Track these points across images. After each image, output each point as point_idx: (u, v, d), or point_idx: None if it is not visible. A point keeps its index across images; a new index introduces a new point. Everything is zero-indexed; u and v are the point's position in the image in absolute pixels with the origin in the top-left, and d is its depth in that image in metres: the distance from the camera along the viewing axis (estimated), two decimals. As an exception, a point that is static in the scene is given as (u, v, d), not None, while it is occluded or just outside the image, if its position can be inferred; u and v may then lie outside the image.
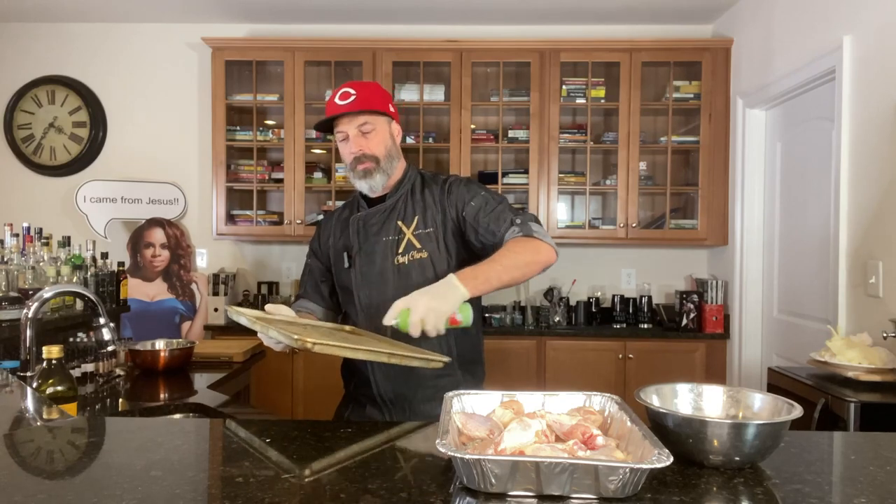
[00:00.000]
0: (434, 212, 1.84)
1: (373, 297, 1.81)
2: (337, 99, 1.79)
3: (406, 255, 1.81)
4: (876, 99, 2.59)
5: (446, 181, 1.88)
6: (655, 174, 4.17)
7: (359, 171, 1.82)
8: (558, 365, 3.82)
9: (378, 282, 1.81)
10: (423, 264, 1.80)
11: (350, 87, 1.80)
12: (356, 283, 1.84)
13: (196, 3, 3.99)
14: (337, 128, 1.83)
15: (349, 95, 1.78)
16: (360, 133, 1.80)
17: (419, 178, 1.90)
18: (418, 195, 1.87)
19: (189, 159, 4.36)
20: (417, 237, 1.82)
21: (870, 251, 2.60)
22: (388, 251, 1.82)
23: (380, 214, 1.86)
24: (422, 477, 0.97)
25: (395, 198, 1.86)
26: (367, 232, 1.86)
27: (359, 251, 1.85)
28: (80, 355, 2.20)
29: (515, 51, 3.97)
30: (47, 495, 0.90)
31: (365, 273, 1.83)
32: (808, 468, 1.04)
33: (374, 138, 1.81)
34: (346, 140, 1.82)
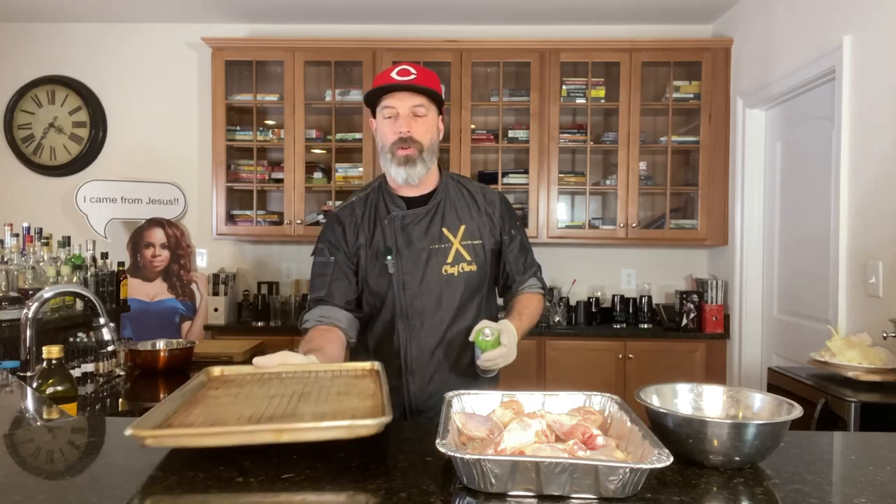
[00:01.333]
0: (481, 223, 1.77)
1: (417, 304, 1.72)
2: (394, 74, 1.67)
3: (456, 265, 1.73)
4: (876, 99, 2.59)
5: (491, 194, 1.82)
6: (655, 174, 4.17)
7: (399, 156, 1.67)
8: (558, 365, 3.82)
9: (421, 291, 1.71)
10: (472, 277, 1.74)
11: (410, 66, 1.69)
12: (397, 289, 1.71)
13: (196, 3, 3.99)
14: (386, 102, 1.68)
15: (409, 73, 1.67)
16: (412, 114, 1.68)
17: (451, 181, 1.81)
18: (458, 201, 1.77)
19: (189, 159, 4.36)
20: (466, 248, 1.74)
21: (870, 251, 2.60)
22: (435, 259, 1.71)
23: (422, 217, 1.74)
24: (422, 477, 0.97)
25: (436, 200, 1.75)
26: (408, 235, 1.72)
27: (401, 256, 1.71)
28: (80, 355, 2.20)
29: (515, 51, 3.98)
30: (47, 495, 0.90)
31: (409, 281, 1.71)
32: (808, 468, 1.04)
33: (424, 124, 1.69)
34: (394, 118, 1.68)
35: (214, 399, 1.13)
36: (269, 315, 4.11)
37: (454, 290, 1.72)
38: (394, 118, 1.68)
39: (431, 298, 1.72)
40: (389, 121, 1.68)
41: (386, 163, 1.71)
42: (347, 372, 1.34)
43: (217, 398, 1.13)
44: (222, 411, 1.04)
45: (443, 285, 1.72)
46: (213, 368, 1.34)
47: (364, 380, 1.28)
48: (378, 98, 1.69)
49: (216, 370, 1.34)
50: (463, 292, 1.74)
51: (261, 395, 1.14)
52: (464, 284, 1.73)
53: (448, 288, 1.72)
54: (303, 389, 1.18)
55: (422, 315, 1.72)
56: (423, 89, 1.67)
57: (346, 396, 1.13)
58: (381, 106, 1.69)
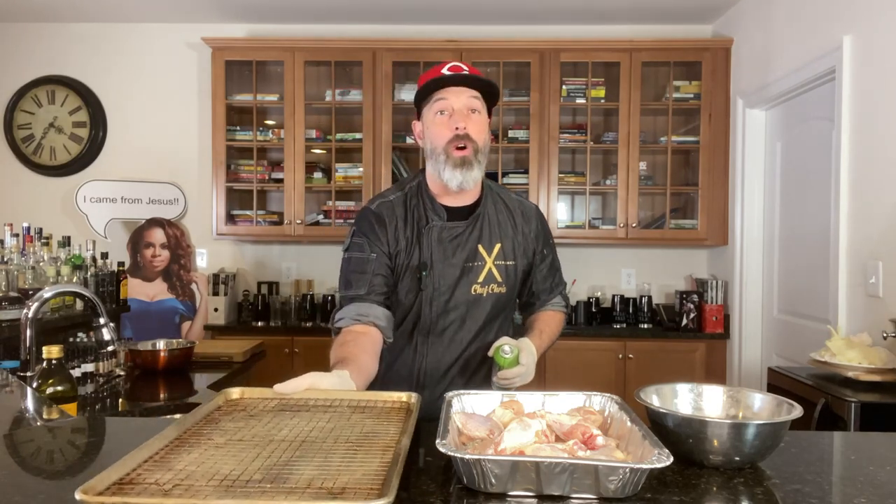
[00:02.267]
0: (517, 244, 1.68)
1: (440, 321, 1.64)
2: (446, 70, 1.57)
3: (486, 286, 1.64)
4: (876, 99, 2.59)
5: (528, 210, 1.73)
6: (655, 174, 4.17)
7: (456, 158, 1.54)
8: (558, 365, 3.82)
9: (447, 309, 1.63)
10: (500, 299, 1.67)
11: (461, 63, 1.59)
12: (424, 303, 1.62)
13: (196, 3, 3.99)
14: (439, 95, 1.56)
15: (461, 69, 1.57)
16: (468, 109, 1.56)
17: (490, 192, 1.71)
18: (497, 215, 1.68)
19: (189, 159, 4.36)
20: (498, 268, 1.65)
21: (870, 251, 2.60)
22: (465, 276, 1.62)
23: (461, 232, 1.63)
24: (422, 477, 0.97)
25: (477, 213, 1.65)
26: (444, 247, 1.62)
27: (433, 268, 1.61)
28: (80, 355, 2.20)
29: (515, 51, 3.97)
30: (47, 495, 0.90)
31: (437, 297, 1.62)
32: (808, 468, 1.04)
33: (478, 122, 1.58)
34: (447, 114, 1.56)
35: (207, 438, 1.03)
36: (269, 315, 4.11)
37: (480, 311, 1.65)
38: (448, 114, 1.56)
39: (456, 317, 1.64)
40: (443, 118, 1.56)
41: (439, 165, 1.57)
42: (377, 404, 1.24)
43: (211, 437, 1.04)
44: (201, 465, 0.93)
45: (470, 305, 1.64)
46: (232, 391, 1.26)
47: (391, 419, 1.15)
48: (428, 95, 1.58)
49: (235, 392, 1.26)
50: (489, 313, 1.66)
51: (260, 438, 1.04)
52: (491, 305, 1.66)
53: (475, 308, 1.64)
54: (310, 433, 1.07)
55: (443, 333, 1.65)
56: (478, 80, 1.56)
57: (355, 451, 0.99)
58: (434, 100, 1.57)
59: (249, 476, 0.89)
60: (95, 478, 0.82)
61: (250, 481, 0.87)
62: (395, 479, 0.83)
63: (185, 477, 0.88)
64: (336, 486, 0.86)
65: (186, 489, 0.84)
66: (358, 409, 1.21)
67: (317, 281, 4.28)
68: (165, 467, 0.91)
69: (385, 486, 0.82)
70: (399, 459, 0.90)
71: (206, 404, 1.17)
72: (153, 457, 0.94)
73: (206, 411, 1.15)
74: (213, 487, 0.85)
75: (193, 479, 0.87)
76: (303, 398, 1.26)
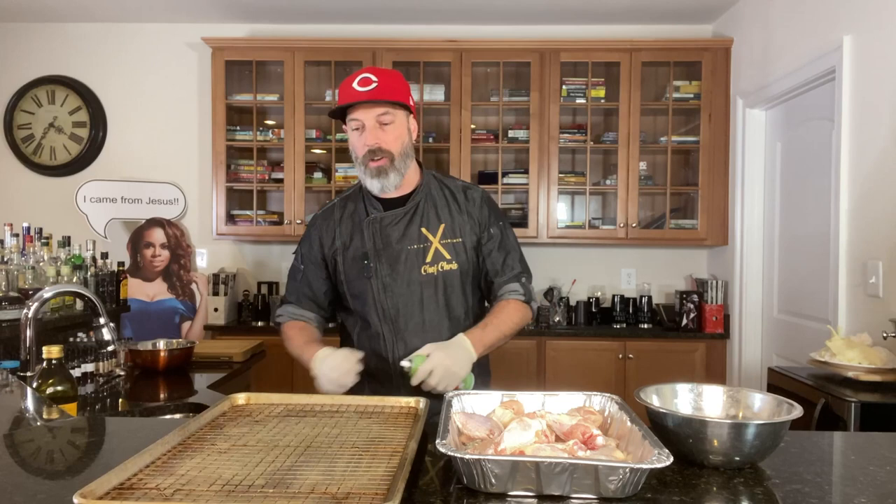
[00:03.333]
0: (462, 221, 1.76)
1: (399, 306, 1.72)
2: (356, 84, 1.65)
3: (435, 264, 1.72)
4: (876, 99, 2.59)
5: (472, 191, 1.81)
6: (655, 174, 4.17)
7: (371, 168, 1.68)
8: (558, 365, 3.82)
9: (404, 292, 1.71)
10: (452, 275, 1.73)
11: (371, 73, 1.66)
12: (377, 292, 1.72)
13: (196, 3, 3.99)
14: (352, 115, 1.68)
15: (370, 82, 1.64)
16: (378, 124, 1.66)
17: (433, 181, 1.81)
18: (439, 200, 1.77)
19: (189, 159, 4.36)
20: (445, 246, 1.73)
21: (870, 251, 2.60)
22: (414, 260, 1.72)
23: (400, 219, 1.74)
24: (422, 477, 0.97)
25: (415, 201, 1.75)
26: (386, 237, 1.73)
27: (379, 258, 1.72)
28: (80, 355, 2.20)
29: (515, 51, 3.97)
30: (47, 495, 0.90)
31: (388, 283, 1.72)
32: (808, 468, 1.04)
33: (391, 132, 1.68)
34: (361, 130, 1.68)
35: (210, 444, 1.03)
36: (269, 315, 4.11)
37: (435, 290, 1.72)
38: (360, 130, 1.68)
39: (413, 299, 1.71)
40: (357, 133, 1.69)
41: (361, 174, 1.72)
42: (384, 409, 1.25)
43: (214, 443, 1.04)
44: (203, 470, 0.92)
45: (423, 285, 1.71)
46: (237, 396, 1.27)
47: (398, 424, 1.15)
48: (344, 111, 1.69)
49: (241, 398, 1.27)
50: (445, 291, 1.73)
51: (264, 443, 1.04)
52: (444, 283, 1.73)
53: (429, 287, 1.72)
54: (315, 438, 1.07)
55: (405, 317, 1.72)
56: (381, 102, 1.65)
57: (361, 455, 0.99)
58: (348, 119, 1.69)
59: (252, 481, 0.88)
60: (95, 482, 0.81)
61: (252, 486, 0.87)
62: (401, 484, 0.82)
63: (186, 482, 0.88)
64: (340, 490, 0.86)
65: (187, 494, 0.84)
66: (365, 414, 1.21)
67: (317, 281, 4.27)
68: (167, 472, 0.91)
69: (390, 491, 0.81)
70: (405, 464, 0.89)
71: (211, 409, 1.17)
72: (155, 462, 0.94)
73: (211, 417, 1.15)
74: (214, 492, 0.85)
75: (195, 485, 0.87)
76: (309, 403, 1.26)
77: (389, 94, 1.65)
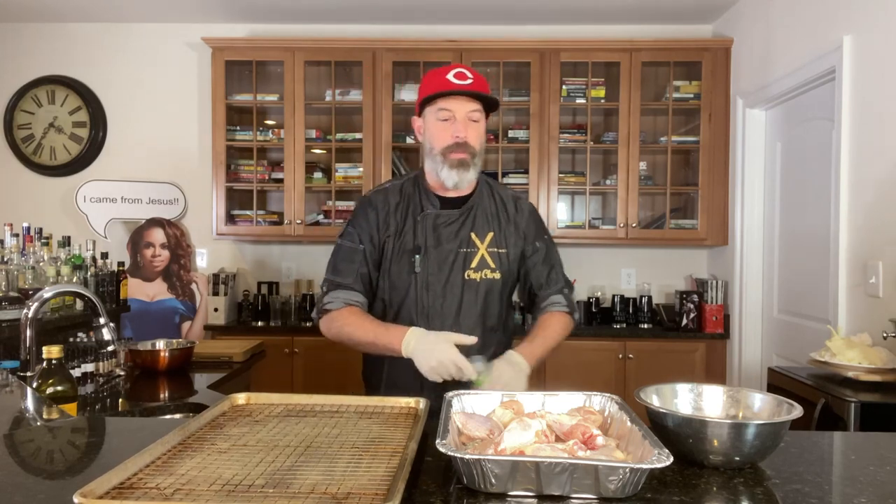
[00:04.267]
0: (508, 232, 1.79)
1: (438, 306, 1.72)
2: (451, 76, 1.66)
3: (479, 271, 1.74)
4: (876, 99, 2.59)
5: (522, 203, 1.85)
6: (655, 174, 4.17)
7: (453, 160, 1.68)
8: (558, 365, 3.82)
9: (443, 293, 1.72)
10: (494, 284, 1.75)
11: (465, 70, 1.69)
12: (419, 287, 1.72)
13: (196, 3, 3.99)
14: (443, 104, 1.68)
15: (465, 77, 1.67)
16: (469, 119, 1.69)
17: (486, 187, 1.83)
18: (490, 207, 1.80)
19: (189, 159, 4.36)
20: (491, 255, 1.75)
21: (870, 251, 2.60)
22: (460, 262, 1.73)
23: (455, 219, 1.75)
24: (422, 477, 0.97)
25: (470, 204, 1.77)
26: (438, 235, 1.74)
27: (428, 255, 1.72)
28: (80, 355, 2.20)
29: (515, 51, 3.97)
30: (47, 495, 0.90)
31: (431, 282, 1.72)
32: (808, 468, 1.04)
33: (477, 129, 1.70)
34: (450, 121, 1.68)
35: (210, 444, 1.03)
36: (269, 315, 4.11)
37: (475, 296, 1.73)
38: (450, 121, 1.68)
39: (453, 302, 1.72)
40: (446, 123, 1.69)
41: (436, 164, 1.71)
42: (384, 409, 1.24)
43: (214, 443, 1.04)
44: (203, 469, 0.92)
45: (464, 289, 1.73)
46: (238, 396, 1.26)
47: (398, 425, 1.15)
48: (432, 99, 1.69)
49: (241, 398, 1.26)
50: (485, 299, 1.74)
51: (264, 443, 1.04)
52: (485, 290, 1.74)
53: (469, 292, 1.73)
54: (315, 438, 1.06)
55: (441, 318, 1.72)
56: (480, 95, 1.67)
57: (361, 455, 0.99)
58: (437, 108, 1.69)
59: (252, 481, 0.88)
60: (95, 481, 0.81)
61: (252, 486, 0.87)
62: (401, 484, 0.82)
63: (186, 482, 0.87)
64: (340, 491, 0.85)
65: (187, 494, 0.84)
66: (365, 414, 1.21)
67: (317, 281, 4.27)
68: (167, 472, 0.91)
69: (390, 491, 0.81)
70: (406, 465, 0.89)
71: (211, 409, 1.17)
72: (155, 462, 0.94)
73: (211, 416, 1.15)
74: (214, 492, 0.85)
75: (195, 484, 0.87)
76: (309, 403, 1.26)
77: (486, 91, 1.69)
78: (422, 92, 1.73)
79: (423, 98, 1.72)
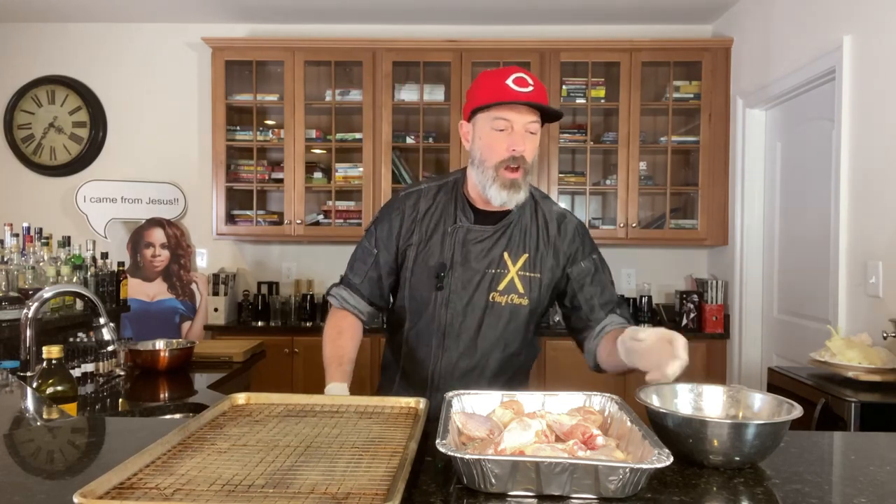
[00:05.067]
0: (545, 255, 1.62)
1: (455, 325, 1.60)
2: (511, 82, 1.49)
3: (506, 294, 1.59)
4: (876, 99, 2.59)
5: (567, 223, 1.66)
6: (655, 174, 4.17)
7: (505, 179, 1.52)
8: (558, 365, 3.82)
9: (463, 312, 1.60)
10: (520, 311, 1.61)
11: (526, 75, 1.51)
12: (439, 303, 1.60)
13: (196, 3, 3.99)
14: (500, 113, 1.50)
15: (526, 83, 1.49)
16: (527, 132, 1.52)
17: (530, 201, 1.66)
18: (530, 225, 1.63)
19: (189, 159, 4.36)
20: (522, 279, 1.60)
21: (870, 251, 2.60)
22: (486, 283, 1.59)
23: (487, 236, 1.60)
24: (422, 477, 0.97)
25: (507, 221, 1.61)
26: (467, 252, 1.59)
27: (453, 271, 1.59)
28: (80, 355, 2.20)
29: (515, 51, 3.97)
30: (47, 495, 0.90)
31: (453, 300, 1.60)
32: (808, 468, 1.04)
33: (534, 142, 1.54)
34: (507, 132, 1.52)
35: (210, 444, 1.03)
36: (269, 315, 4.11)
37: (497, 320, 1.60)
38: (507, 132, 1.51)
39: (473, 323, 1.60)
40: (500, 133, 1.52)
41: (485, 179, 1.55)
42: (384, 409, 1.24)
43: (214, 443, 1.03)
44: (203, 469, 0.92)
45: (486, 312, 1.60)
46: (237, 396, 1.26)
47: (398, 425, 1.15)
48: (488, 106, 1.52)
49: (241, 398, 1.26)
50: (507, 324, 1.61)
51: (264, 443, 1.03)
52: (509, 316, 1.61)
53: (491, 315, 1.60)
54: (315, 438, 1.06)
55: (459, 337, 1.61)
56: (545, 108, 1.52)
57: (361, 455, 0.99)
58: (493, 116, 1.51)
59: (252, 481, 0.88)
60: (95, 481, 0.81)
61: (252, 486, 0.87)
62: (401, 484, 0.82)
63: (186, 482, 0.87)
64: (340, 491, 0.85)
65: (187, 494, 0.84)
66: (365, 414, 1.21)
67: (317, 281, 4.28)
68: (167, 472, 0.91)
69: (390, 491, 0.81)
70: (405, 464, 0.89)
71: (211, 409, 1.17)
72: (155, 461, 0.94)
73: (211, 416, 1.15)
74: (214, 492, 0.84)
75: (195, 484, 0.87)
76: (309, 403, 1.26)
77: (547, 102, 1.53)
78: (475, 96, 1.55)
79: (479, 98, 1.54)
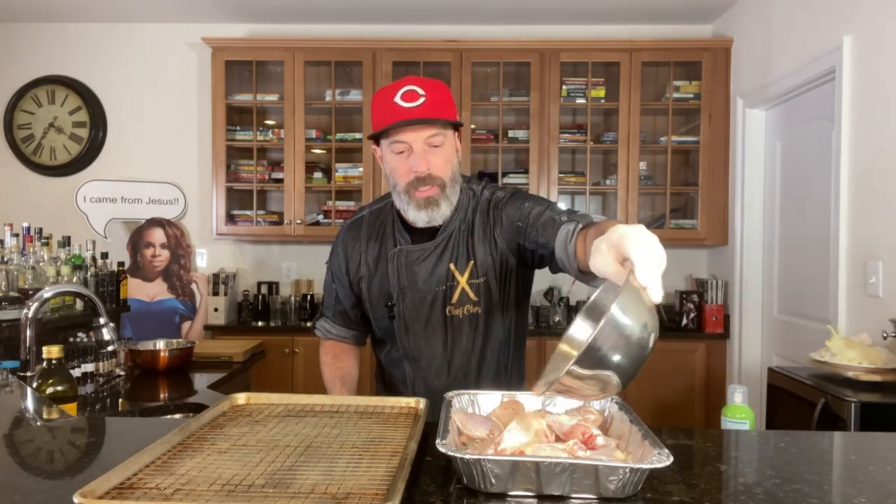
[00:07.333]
0: (484, 255, 1.52)
1: (421, 347, 1.56)
2: (399, 99, 1.39)
3: (461, 307, 1.52)
4: (876, 99, 2.59)
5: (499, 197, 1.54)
6: (655, 174, 4.17)
7: (418, 199, 1.44)
8: (558, 365, 3.81)
9: (424, 334, 1.55)
10: (477, 320, 1.54)
11: (416, 86, 1.41)
12: (398, 332, 1.57)
13: (196, 3, 3.99)
14: (396, 136, 1.42)
15: (416, 96, 1.39)
16: (428, 146, 1.43)
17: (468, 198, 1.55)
18: (470, 225, 1.53)
19: (189, 159, 4.36)
20: (472, 286, 1.53)
21: (870, 251, 2.60)
22: (439, 300, 1.52)
23: (429, 254, 1.52)
24: (422, 477, 0.97)
25: (445, 234, 1.52)
26: (412, 275, 1.52)
27: (403, 297, 1.53)
28: (80, 355, 2.20)
29: (515, 51, 3.97)
30: (47, 495, 0.90)
31: (410, 324, 1.55)
32: (808, 468, 1.04)
33: (442, 155, 1.44)
34: (407, 153, 1.43)
35: (211, 444, 1.02)
36: (269, 315, 4.11)
37: (461, 333, 1.55)
38: (406, 153, 1.43)
39: (437, 342, 1.55)
40: (401, 156, 1.44)
41: (402, 203, 1.48)
42: (384, 409, 1.23)
43: (214, 443, 1.03)
44: (203, 469, 0.92)
45: (448, 328, 1.54)
46: (237, 396, 1.25)
47: (398, 424, 1.14)
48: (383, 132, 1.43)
49: (241, 398, 1.25)
50: (471, 336, 1.55)
51: (264, 443, 1.03)
52: (470, 328, 1.55)
53: (453, 331, 1.54)
54: (315, 438, 1.06)
55: (427, 358, 1.57)
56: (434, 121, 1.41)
57: (361, 455, 0.98)
58: (391, 140, 1.43)
59: (252, 481, 0.88)
60: (95, 482, 0.81)
61: (252, 486, 0.86)
62: (401, 484, 0.82)
63: (186, 482, 0.87)
64: (340, 491, 0.85)
65: (187, 494, 0.83)
66: (365, 414, 1.21)
67: (317, 281, 4.27)
68: (167, 472, 0.90)
69: (391, 492, 0.81)
70: (406, 464, 0.89)
71: (211, 409, 1.17)
72: (155, 461, 0.94)
73: (211, 416, 1.14)
74: (214, 492, 0.84)
75: (195, 484, 0.87)
76: (309, 403, 1.26)
77: (440, 111, 1.41)
78: (373, 120, 1.46)
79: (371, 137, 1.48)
